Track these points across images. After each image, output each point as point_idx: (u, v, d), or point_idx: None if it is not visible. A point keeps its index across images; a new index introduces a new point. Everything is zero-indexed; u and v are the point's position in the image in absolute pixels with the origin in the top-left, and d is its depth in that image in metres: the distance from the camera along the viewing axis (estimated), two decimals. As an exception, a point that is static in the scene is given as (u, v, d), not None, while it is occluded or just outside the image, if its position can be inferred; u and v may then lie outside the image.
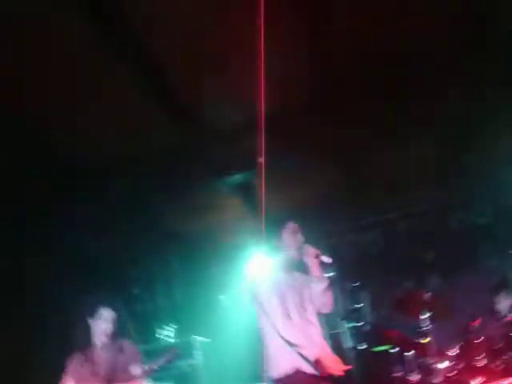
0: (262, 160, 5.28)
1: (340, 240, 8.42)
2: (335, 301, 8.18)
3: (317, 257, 4.39)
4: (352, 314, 8.32)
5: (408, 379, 6.01)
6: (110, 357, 4.37)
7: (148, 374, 4.42)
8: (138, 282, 7.68)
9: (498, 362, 5.36)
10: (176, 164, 5.85)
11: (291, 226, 4.56)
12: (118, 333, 4.47)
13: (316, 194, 7.13)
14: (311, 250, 4.41)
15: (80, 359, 4.39)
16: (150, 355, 4.83)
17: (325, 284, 4.46)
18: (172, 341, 6.99)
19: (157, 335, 7.11)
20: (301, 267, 4.60)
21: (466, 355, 5.59)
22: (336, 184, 7.01)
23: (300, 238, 4.50)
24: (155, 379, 6.40)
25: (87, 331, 4.41)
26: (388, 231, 8.29)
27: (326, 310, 4.52)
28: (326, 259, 4.38)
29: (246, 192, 6.53)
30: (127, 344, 4.52)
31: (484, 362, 5.42)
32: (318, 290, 4.45)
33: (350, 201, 7.39)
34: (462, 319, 6.24)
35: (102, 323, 4.40)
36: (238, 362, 4.88)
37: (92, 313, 4.41)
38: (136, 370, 4.42)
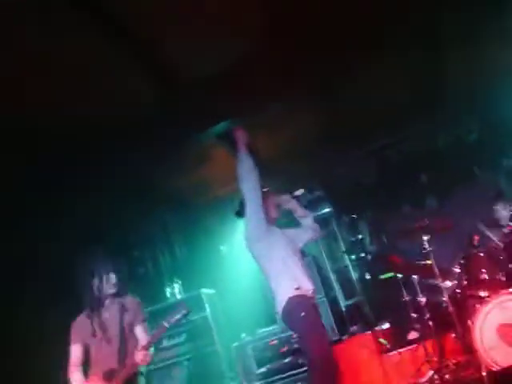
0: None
1: (333, 174, 8.41)
2: (336, 235, 8.38)
3: (294, 197, 5.06)
4: (353, 246, 8.39)
5: (416, 301, 6.11)
6: (114, 315, 4.40)
7: (160, 333, 4.40)
8: (137, 245, 7.69)
9: (501, 274, 5.41)
10: (159, 121, 5.80)
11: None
12: (121, 290, 4.49)
13: (302, 130, 7.08)
14: (284, 196, 5.07)
15: (85, 319, 4.42)
16: (159, 314, 4.87)
17: (309, 218, 5.11)
18: (179, 297, 7.06)
19: (164, 294, 7.17)
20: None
21: (469, 271, 5.63)
22: (321, 118, 6.96)
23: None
24: (168, 335, 6.54)
25: (90, 291, 4.43)
26: (379, 158, 8.25)
27: (316, 236, 5.18)
28: (298, 192, 5.12)
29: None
30: (131, 300, 4.54)
31: (488, 275, 5.47)
32: (305, 225, 5.08)
33: (338, 133, 7.34)
34: (463, 236, 6.29)
35: (105, 282, 4.41)
36: (245, 308, 4.98)
37: (94, 272, 4.42)
38: (140, 327, 4.47)
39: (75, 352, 4.36)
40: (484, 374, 4.84)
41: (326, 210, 8.35)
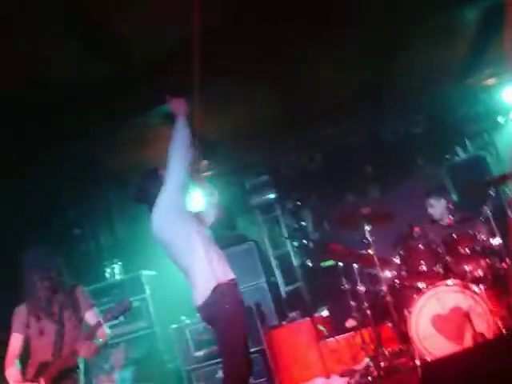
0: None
1: (280, 160, 8.43)
2: (278, 221, 8.40)
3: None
4: (296, 233, 8.45)
5: (356, 290, 6.20)
6: (59, 306, 4.30)
7: (95, 328, 4.27)
8: (78, 223, 7.52)
9: (438, 266, 5.53)
10: (105, 100, 5.67)
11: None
12: (63, 280, 4.38)
13: (251, 113, 7.05)
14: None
15: (25, 309, 4.30)
16: (98, 294, 4.78)
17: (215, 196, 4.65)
18: (118, 278, 6.97)
19: (104, 273, 7.06)
20: None
21: (408, 262, 5.74)
22: (271, 105, 6.94)
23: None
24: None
25: (31, 281, 4.31)
26: (326, 147, 8.30)
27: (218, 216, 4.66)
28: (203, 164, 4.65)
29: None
30: (73, 290, 4.43)
31: (426, 266, 5.58)
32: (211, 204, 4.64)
33: (286, 121, 7.35)
34: (403, 228, 6.40)
35: (46, 272, 4.30)
36: (185, 291, 4.93)
37: (34, 263, 4.30)
38: (91, 315, 4.37)
39: (14, 342, 4.26)
40: (417, 362, 4.97)
41: (271, 195, 8.37)
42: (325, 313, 7.12)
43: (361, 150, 8.06)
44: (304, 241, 8.27)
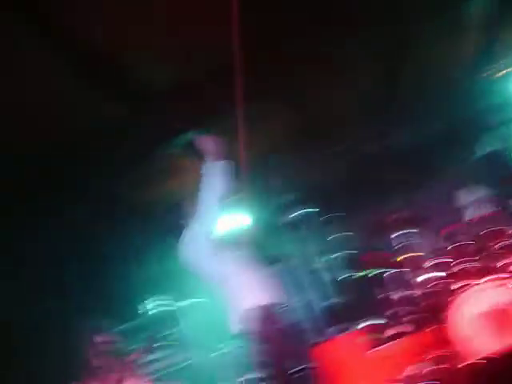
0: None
1: (304, 177, 8.39)
2: (310, 236, 8.34)
3: None
4: (327, 247, 8.39)
5: (393, 297, 6.13)
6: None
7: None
8: (112, 260, 7.52)
9: (472, 265, 5.47)
10: (125, 135, 5.72)
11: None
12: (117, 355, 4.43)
13: (276, 135, 7.06)
14: None
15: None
16: (134, 332, 4.80)
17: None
18: (153, 313, 6.98)
19: (137, 310, 7.07)
20: None
21: (442, 264, 5.69)
22: (292, 122, 6.95)
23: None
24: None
25: (87, 356, 4.37)
26: (345, 160, 8.27)
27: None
28: None
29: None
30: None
31: (460, 266, 5.52)
32: None
33: (303, 138, 7.34)
34: (434, 230, 6.35)
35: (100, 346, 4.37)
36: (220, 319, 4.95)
37: (89, 339, 4.37)
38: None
39: None
40: (464, 364, 4.86)
41: (299, 212, 8.36)
42: (363, 325, 7.02)
43: (382, 156, 8.00)
44: (336, 254, 8.21)
